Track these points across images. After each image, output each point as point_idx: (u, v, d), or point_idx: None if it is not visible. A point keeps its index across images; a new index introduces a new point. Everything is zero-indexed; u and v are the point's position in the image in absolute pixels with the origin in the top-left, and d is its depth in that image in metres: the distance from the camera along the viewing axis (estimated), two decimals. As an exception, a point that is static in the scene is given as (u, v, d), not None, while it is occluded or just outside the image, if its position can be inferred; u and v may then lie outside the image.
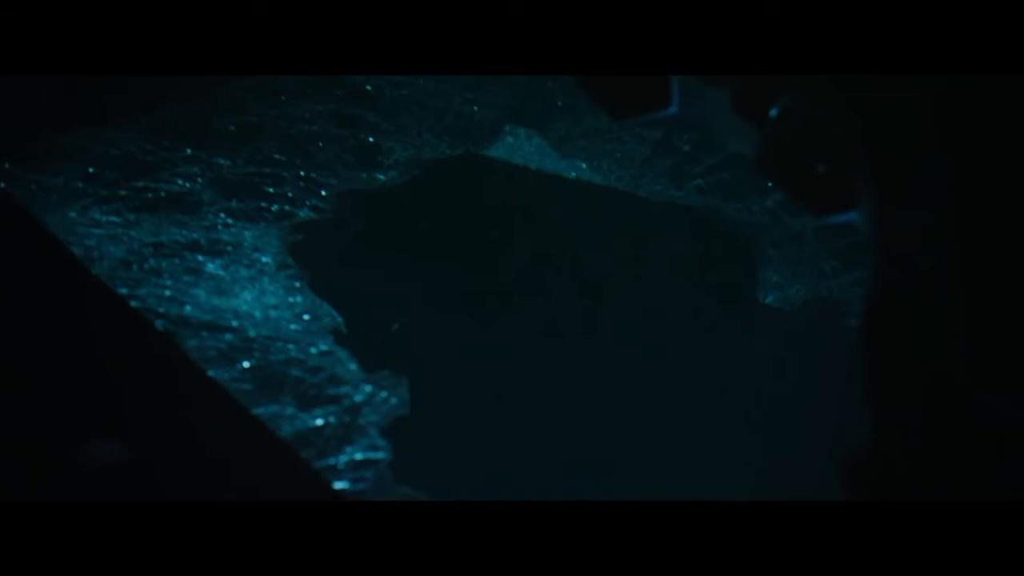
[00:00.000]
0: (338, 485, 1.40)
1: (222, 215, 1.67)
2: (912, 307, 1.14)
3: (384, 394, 1.49)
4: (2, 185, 1.61)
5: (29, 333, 1.43)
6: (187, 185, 1.70)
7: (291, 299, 1.59)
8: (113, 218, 1.62)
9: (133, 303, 1.52)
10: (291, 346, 1.52)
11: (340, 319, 1.57)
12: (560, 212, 1.78)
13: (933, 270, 1.13)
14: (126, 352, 1.46)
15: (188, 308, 1.55)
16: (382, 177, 1.75)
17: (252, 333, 1.53)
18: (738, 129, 1.25)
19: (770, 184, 1.73)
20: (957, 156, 1.11)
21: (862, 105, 1.16)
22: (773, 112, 1.21)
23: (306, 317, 1.57)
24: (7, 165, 1.63)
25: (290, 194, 1.71)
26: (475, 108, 1.85)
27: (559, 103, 1.87)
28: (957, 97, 1.10)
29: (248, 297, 1.58)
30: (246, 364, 1.50)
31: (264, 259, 1.63)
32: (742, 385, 1.59)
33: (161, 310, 1.54)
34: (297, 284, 1.61)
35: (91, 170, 1.67)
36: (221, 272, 1.61)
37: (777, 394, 1.58)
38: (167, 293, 1.56)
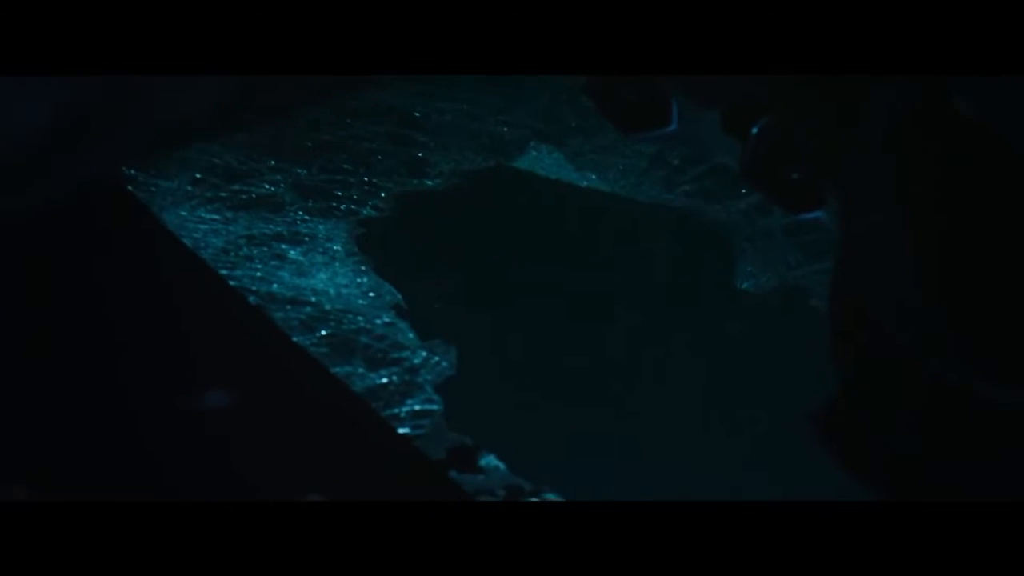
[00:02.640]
0: (401, 430, 1.62)
1: (300, 213, 1.88)
2: (876, 293, 1.21)
3: (437, 358, 1.70)
4: (129, 188, 1.84)
5: (151, 306, 1.68)
6: (272, 189, 1.91)
7: (358, 280, 1.80)
8: (215, 216, 1.84)
9: (232, 283, 1.75)
10: (360, 318, 1.74)
11: (399, 297, 1.78)
12: (574, 213, 1.98)
13: (901, 262, 1.18)
14: (228, 320, 1.71)
15: (275, 286, 1.76)
16: (430, 183, 1.97)
17: (328, 307, 1.74)
18: (725, 144, 1.43)
19: (744, 191, 1.94)
20: (928, 156, 1.17)
21: (834, 110, 1.28)
22: (755, 130, 1.39)
23: (371, 295, 1.78)
24: (133, 172, 1.86)
25: (355, 196, 1.92)
26: (505, 129, 2.05)
27: (573, 124, 2.06)
28: (929, 99, 1.17)
29: (323, 278, 1.79)
30: (324, 332, 1.71)
31: (335, 248, 1.84)
32: (723, 364, 1.76)
33: (253, 288, 1.75)
34: (363, 268, 1.82)
35: (198, 176, 1.89)
36: (301, 258, 1.81)
37: (751, 370, 1.75)
38: (258, 275, 1.78)
